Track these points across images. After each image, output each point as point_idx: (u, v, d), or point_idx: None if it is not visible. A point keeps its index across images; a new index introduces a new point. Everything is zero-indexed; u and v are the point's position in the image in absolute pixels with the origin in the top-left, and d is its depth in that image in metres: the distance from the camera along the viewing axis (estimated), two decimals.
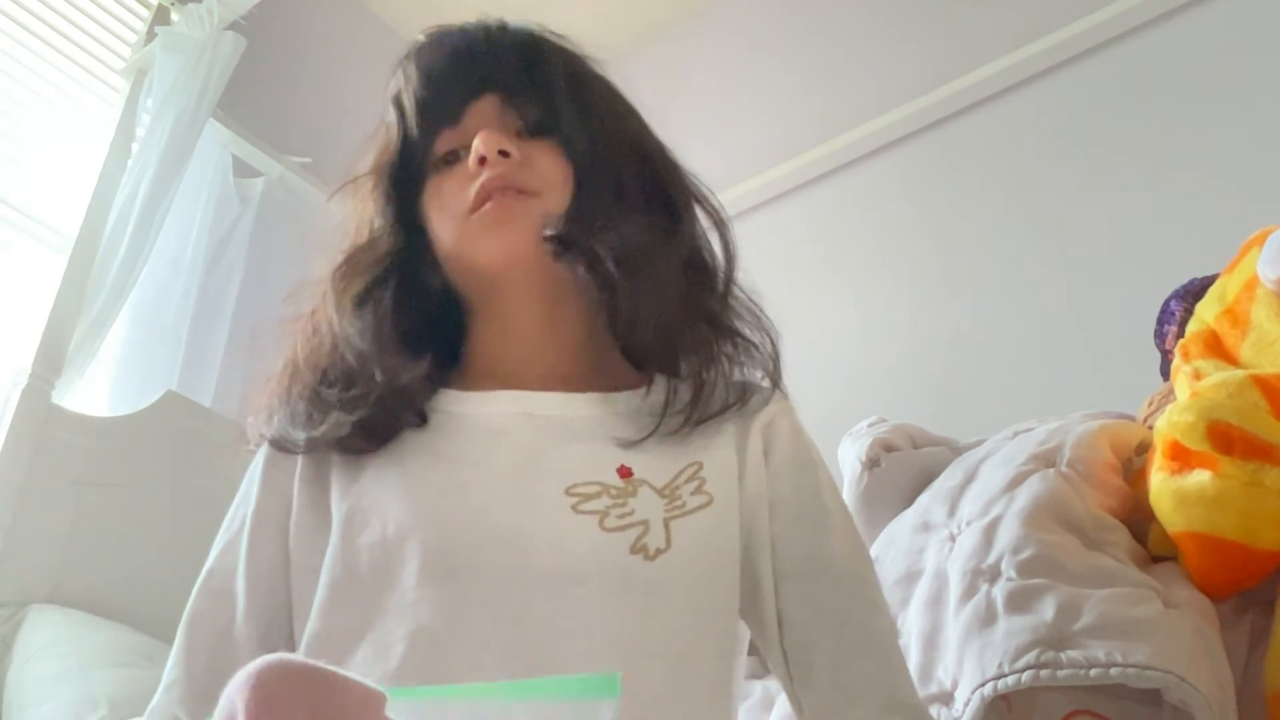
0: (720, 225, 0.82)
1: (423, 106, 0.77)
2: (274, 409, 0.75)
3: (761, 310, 0.80)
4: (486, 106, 0.77)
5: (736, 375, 0.79)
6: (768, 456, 0.75)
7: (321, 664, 0.36)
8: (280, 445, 0.74)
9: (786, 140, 2.24)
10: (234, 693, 0.35)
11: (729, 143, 2.30)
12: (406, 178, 0.79)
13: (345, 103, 2.38)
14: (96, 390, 1.88)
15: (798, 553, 0.72)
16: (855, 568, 0.73)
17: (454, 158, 0.77)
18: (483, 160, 0.74)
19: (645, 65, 0.86)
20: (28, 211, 1.94)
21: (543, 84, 0.77)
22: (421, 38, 0.82)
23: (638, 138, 0.81)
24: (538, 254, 0.74)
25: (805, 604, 0.70)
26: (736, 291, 0.80)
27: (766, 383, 0.80)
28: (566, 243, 0.73)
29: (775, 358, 0.80)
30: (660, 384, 0.75)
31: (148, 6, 2.23)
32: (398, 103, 0.79)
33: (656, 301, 0.74)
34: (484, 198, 0.74)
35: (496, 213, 0.74)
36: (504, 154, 0.74)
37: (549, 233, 0.73)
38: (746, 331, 0.79)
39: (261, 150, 2.21)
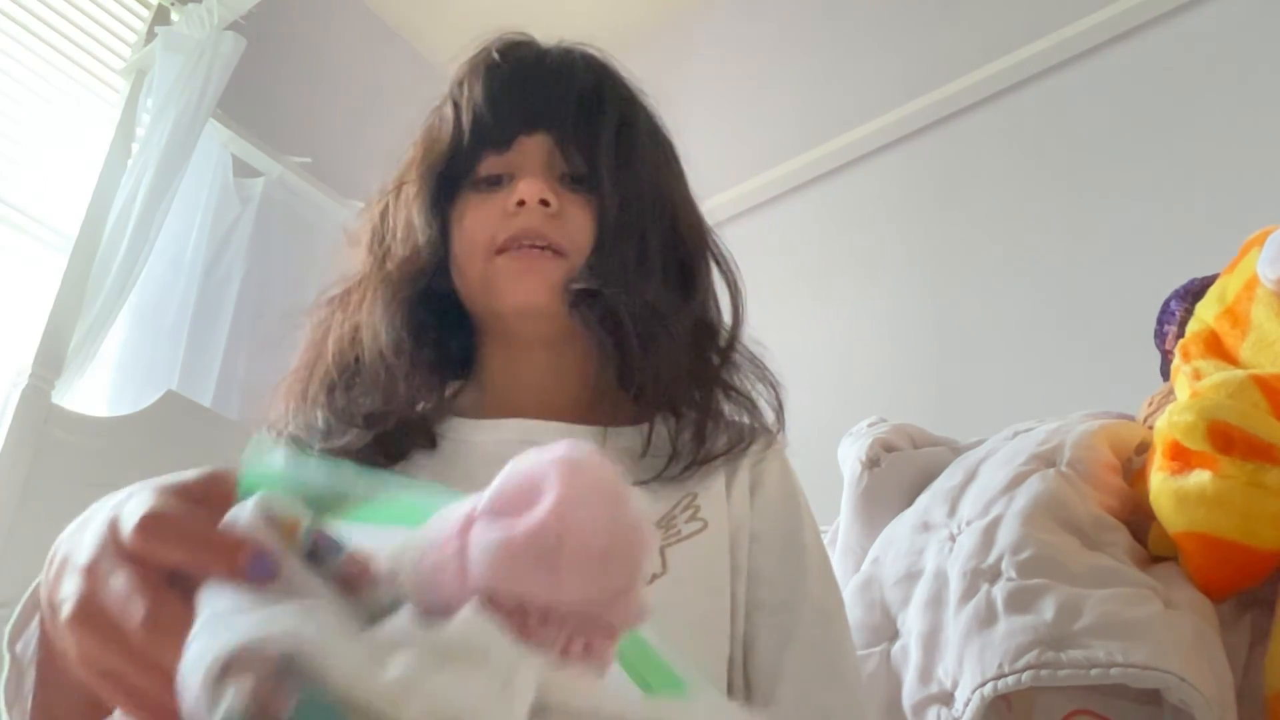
0: (732, 289, 0.83)
1: (477, 126, 0.78)
2: (293, 409, 0.75)
3: (764, 363, 0.81)
4: (538, 144, 0.78)
5: (737, 420, 0.80)
6: (754, 491, 0.77)
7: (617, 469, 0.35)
8: (297, 446, 0.74)
9: (785, 141, 2.24)
10: (541, 465, 0.33)
11: (727, 144, 2.31)
12: (444, 183, 0.80)
13: (345, 103, 2.38)
14: (96, 390, 1.88)
15: (773, 586, 0.73)
16: (827, 606, 0.74)
17: (495, 180, 0.78)
18: (521, 202, 0.75)
19: (637, 68, 0.86)
20: (28, 211, 1.94)
21: (594, 136, 0.78)
22: (496, 51, 0.81)
23: (670, 198, 0.81)
24: (553, 305, 0.75)
25: (775, 634, 0.72)
26: (740, 347, 0.81)
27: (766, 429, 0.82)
28: (589, 300, 0.74)
29: (778, 408, 0.81)
30: (661, 425, 0.76)
31: (148, 6, 2.23)
32: (455, 110, 0.79)
33: (668, 368, 0.75)
34: (512, 244, 0.75)
35: (521, 264, 0.75)
36: (544, 203, 0.75)
37: (575, 287, 0.74)
38: (747, 384, 0.81)
39: (261, 150, 2.21)
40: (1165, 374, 1.17)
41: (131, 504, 0.38)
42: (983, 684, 0.80)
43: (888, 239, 2.03)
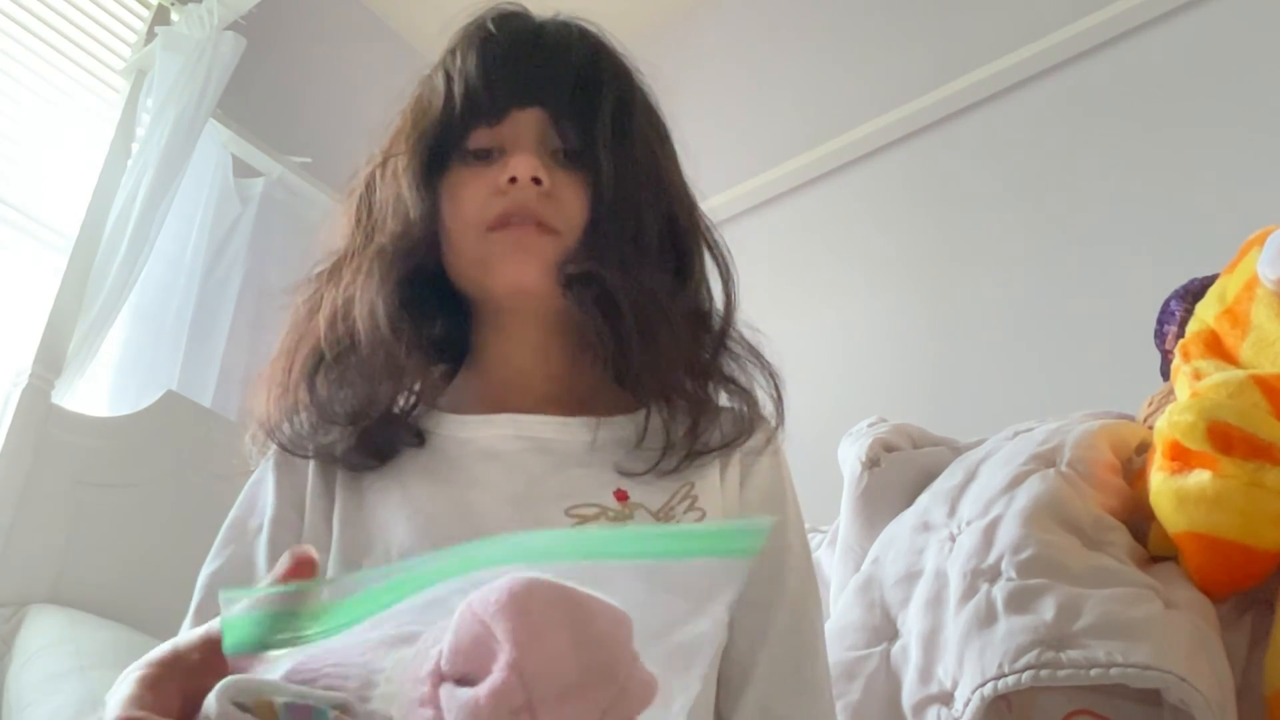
0: (724, 274, 0.81)
1: (469, 97, 0.76)
2: (275, 398, 0.74)
3: (761, 352, 0.80)
4: (531, 119, 0.76)
5: (735, 410, 0.79)
6: (743, 485, 0.76)
7: (571, 584, 0.34)
8: (291, 450, 0.73)
9: (787, 140, 2.24)
10: (488, 615, 0.32)
11: (731, 141, 2.31)
12: (432, 156, 0.77)
13: (345, 103, 2.38)
14: (96, 390, 1.88)
15: (752, 583, 0.72)
16: (804, 608, 0.74)
17: (484, 154, 0.76)
18: (513, 179, 0.73)
19: (642, 66, 0.85)
20: (28, 211, 1.94)
21: (591, 113, 0.76)
22: (491, 21, 0.79)
23: (665, 179, 0.80)
24: (546, 287, 0.74)
25: (750, 632, 0.71)
26: (736, 334, 0.80)
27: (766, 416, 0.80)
28: (585, 282, 0.73)
29: (777, 398, 0.80)
30: (655, 415, 0.75)
31: (148, 6, 2.24)
32: (447, 80, 0.77)
33: (667, 357, 0.74)
34: (505, 221, 0.74)
35: (514, 242, 0.73)
36: (536, 181, 0.73)
37: (571, 270, 0.73)
38: (742, 375, 0.79)
39: (261, 150, 2.22)
40: (1165, 374, 1.17)
41: (116, 696, 0.38)
42: (983, 684, 0.80)
43: (888, 239, 2.03)
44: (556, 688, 0.32)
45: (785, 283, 2.09)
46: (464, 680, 0.32)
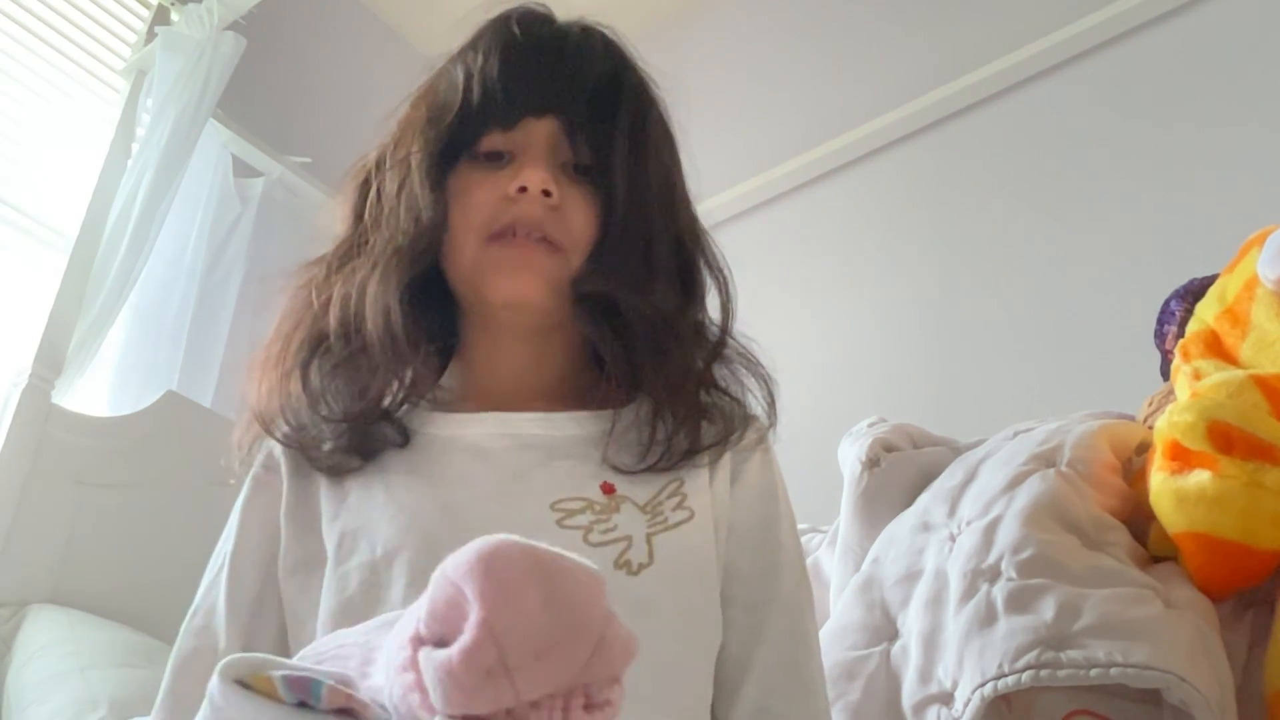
0: (722, 286, 0.81)
1: (486, 100, 0.75)
2: (271, 400, 0.74)
3: (755, 357, 0.80)
4: (545, 128, 0.75)
5: (727, 410, 0.79)
6: (734, 482, 0.76)
7: (542, 545, 0.34)
8: (284, 444, 0.74)
9: (787, 140, 2.24)
10: (459, 576, 0.33)
11: (729, 143, 2.31)
12: (443, 152, 0.77)
13: (345, 103, 2.38)
14: (96, 390, 1.88)
15: (747, 583, 0.73)
16: (798, 606, 0.74)
17: (495, 157, 0.76)
18: (523, 189, 0.73)
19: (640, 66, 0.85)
20: (28, 211, 1.94)
21: (606, 128, 0.76)
22: (516, 23, 0.78)
23: (675, 197, 0.80)
24: (546, 302, 0.74)
25: (746, 632, 0.71)
26: (732, 342, 0.80)
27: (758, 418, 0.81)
28: (597, 300, 0.73)
29: (770, 402, 0.80)
30: (654, 416, 0.74)
31: (148, 6, 2.24)
32: (466, 78, 0.76)
33: (677, 372, 0.74)
34: (509, 232, 0.73)
35: (515, 258, 0.73)
36: (546, 193, 0.73)
37: (585, 289, 0.73)
38: (735, 381, 0.79)
39: (261, 150, 2.22)
40: (1165, 374, 1.17)
41: None
42: (983, 684, 0.80)
43: (887, 239, 2.03)
44: (531, 646, 0.32)
45: (784, 283, 2.09)
46: (441, 642, 0.33)
